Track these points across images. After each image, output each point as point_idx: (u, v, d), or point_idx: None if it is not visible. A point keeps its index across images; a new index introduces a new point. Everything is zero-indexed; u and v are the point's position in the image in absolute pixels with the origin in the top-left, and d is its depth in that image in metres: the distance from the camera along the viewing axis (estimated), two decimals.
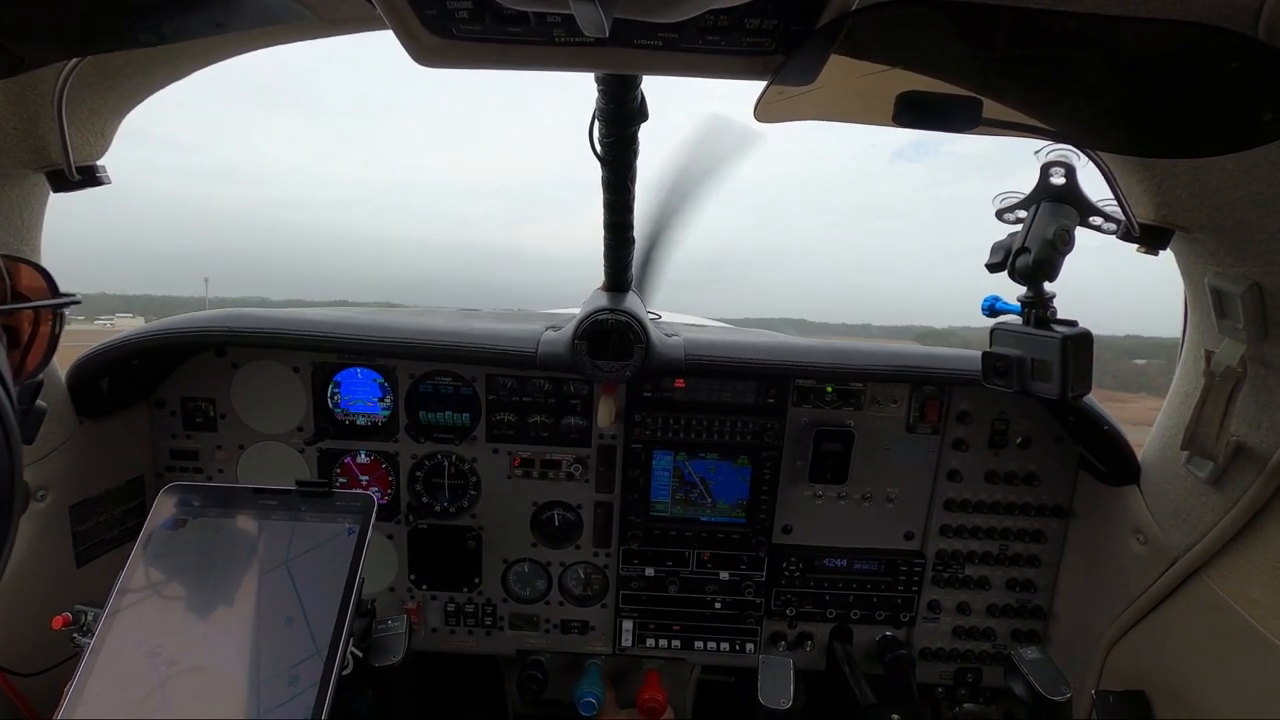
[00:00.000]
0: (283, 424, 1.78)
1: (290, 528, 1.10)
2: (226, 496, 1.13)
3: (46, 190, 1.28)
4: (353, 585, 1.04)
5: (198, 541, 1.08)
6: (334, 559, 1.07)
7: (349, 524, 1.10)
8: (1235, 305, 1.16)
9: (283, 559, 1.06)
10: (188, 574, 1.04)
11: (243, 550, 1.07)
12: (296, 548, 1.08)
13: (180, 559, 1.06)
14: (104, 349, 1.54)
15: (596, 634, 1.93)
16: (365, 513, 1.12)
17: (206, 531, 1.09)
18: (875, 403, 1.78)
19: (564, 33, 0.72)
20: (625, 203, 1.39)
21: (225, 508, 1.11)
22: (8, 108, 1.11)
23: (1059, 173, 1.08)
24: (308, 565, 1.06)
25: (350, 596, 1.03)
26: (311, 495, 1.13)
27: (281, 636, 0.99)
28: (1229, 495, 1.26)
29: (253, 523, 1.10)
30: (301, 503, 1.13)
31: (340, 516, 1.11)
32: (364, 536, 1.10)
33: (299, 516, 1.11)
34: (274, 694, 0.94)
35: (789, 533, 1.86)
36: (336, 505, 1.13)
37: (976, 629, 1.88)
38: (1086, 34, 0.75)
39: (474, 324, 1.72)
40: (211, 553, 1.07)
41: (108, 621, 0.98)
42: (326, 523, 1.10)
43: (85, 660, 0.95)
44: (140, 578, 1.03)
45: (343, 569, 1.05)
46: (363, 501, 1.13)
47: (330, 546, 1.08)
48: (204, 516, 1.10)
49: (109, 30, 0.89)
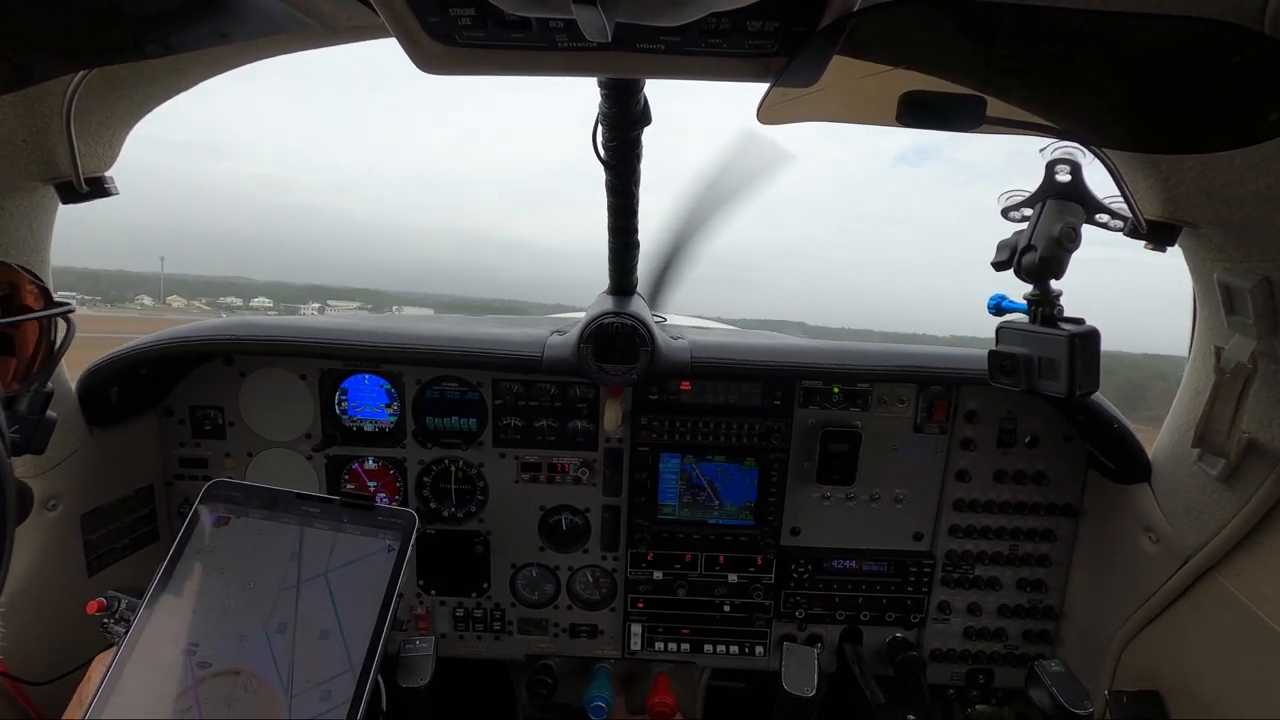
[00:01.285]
0: (291, 431, 1.79)
1: (332, 538, 1.07)
2: (270, 499, 1.10)
3: (55, 202, 1.29)
4: (389, 605, 1.02)
5: (239, 540, 1.06)
6: (373, 575, 1.04)
7: (390, 540, 1.08)
8: (1245, 301, 1.15)
9: (322, 569, 1.04)
10: (227, 573, 1.03)
11: (284, 555, 1.05)
12: (336, 559, 1.05)
13: (221, 557, 1.04)
14: (113, 359, 1.55)
15: (605, 638, 1.93)
16: (406, 531, 1.09)
17: (249, 531, 1.07)
18: (882, 403, 1.77)
19: (566, 38, 0.72)
20: (630, 206, 1.39)
21: (269, 510, 1.09)
22: (16, 120, 1.12)
23: (1065, 170, 1.08)
24: (346, 578, 1.04)
25: (387, 617, 1.01)
26: (354, 507, 1.11)
27: (317, 649, 0.97)
28: (1241, 493, 1.25)
29: (295, 529, 1.08)
30: (344, 513, 1.10)
31: (381, 532, 1.09)
32: (404, 555, 1.07)
33: (341, 527, 1.09)
34: (306, 707, 0.92)
35: (797, 534, 1.86)
36: (379, 520, 1.10)
37: (988, 630, 1.87)
38: (1091, 30, 0.74)
39: (480, 329, 1.72)
40: (252, 553, 1.05)
41: (145, 613, 0.97)
42: (368, 537, 1.08)
43: (121, 648, 0.94)
44: (180, 572, 1.01)
45: (380, 586, 1.03)
46: (404, 519, 1.11)
47: (370, 561, 1.06)
48: (246, 516, 1.08)
49: (116, 42, 0.90)
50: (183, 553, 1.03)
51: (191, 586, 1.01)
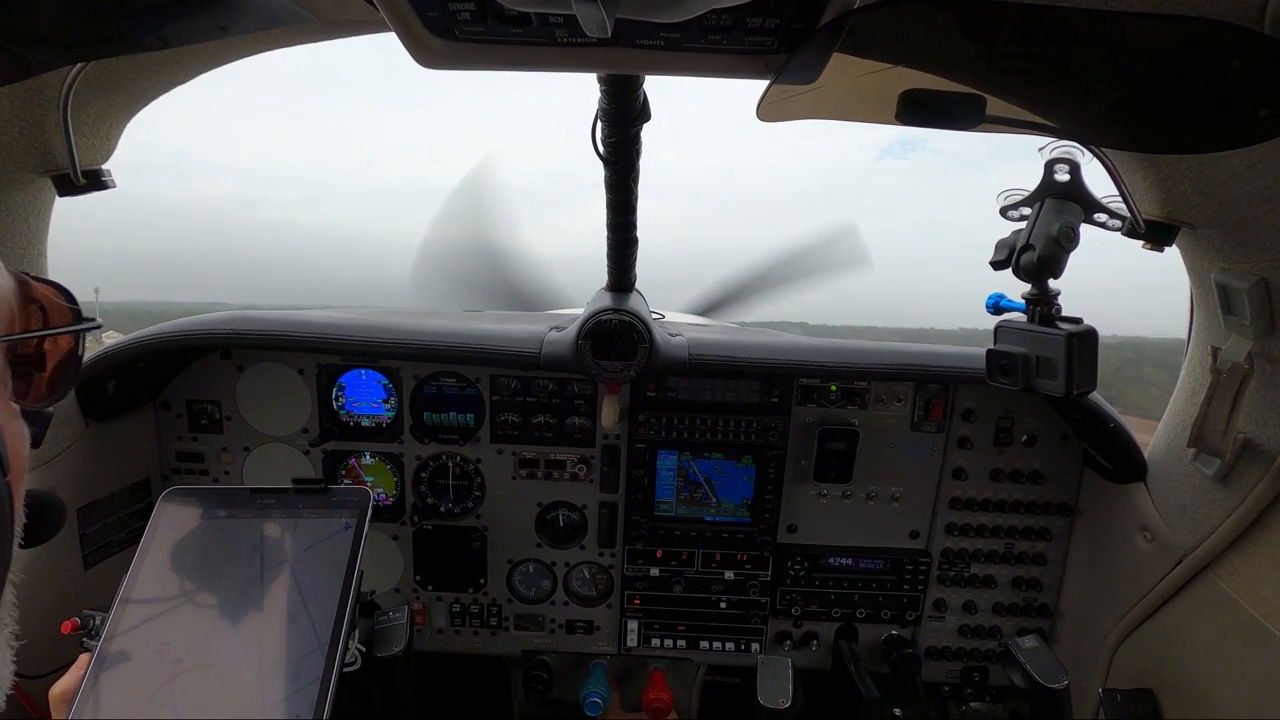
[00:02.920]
0: (288, 426, 1.79)
1: (291, 525, 1.10)
2: (226, 498, 1.13)
3: (52, 194, 1.29)
4: (351, 579, 1.05)
5: (201, 543, 1.09)
6: (333, 555, 1.07)
7: (346, 519, 1.11)
8: (1242, 301, 1.16)
9: (285, 557, 1.07)
10: (192, 575, 1.05)
11: (245, 550, 1.08)
12: (297, 545, 1.08)
13: (184, 561, 1.06)
14: (110, 352, 1.55)
15: (602, 634, 1.94)
16: (361, 507, 1.12)
17: (209, 533, 1.10)
18: (879, 401, 1.77)
19: (566, 33, 0.72)
20: (628, 203, 1.39)
21: (226, 509, 1.12)
22: (13, 112, 1.12)
23: (1063, 169, 1.08)
24: (308, 562, 1.07)
25: (349, 591, 1.03)
26: (308, 492, 1.14)
27: (284, 633, 1.00)
28: (1236, 492, 1.25)
29: (254, 523, 1.11)
30: (299, 500, 1.13)
31: (337, 512, 1.12)
32: (361, 530, 1.10)
33: (297, 514, 1.12)
34: (277, 689, 0.94)
35: (794, 532, 1.86)
36: (333, 501, 1.13)
37: (983, 627, 1.88)
38: (1091, 30, 0.75)
39: (478, 325, 1.72)
40: (215, 553, 1.08)
41: (114, 623, 0.99)
42: (324, 519, 1.11)
43: (94, 659, 0.96)
44: (145, 580, 1.04)
45: (341, 564, 1.06)
46: (359, 496, 1.14)
47: (329, 543, 1.09)
48: (206, 518, 1.11)
49: (113, 35, 0.89)
50: (145, 560, 1.05)
51: (158, 590, 1.03)
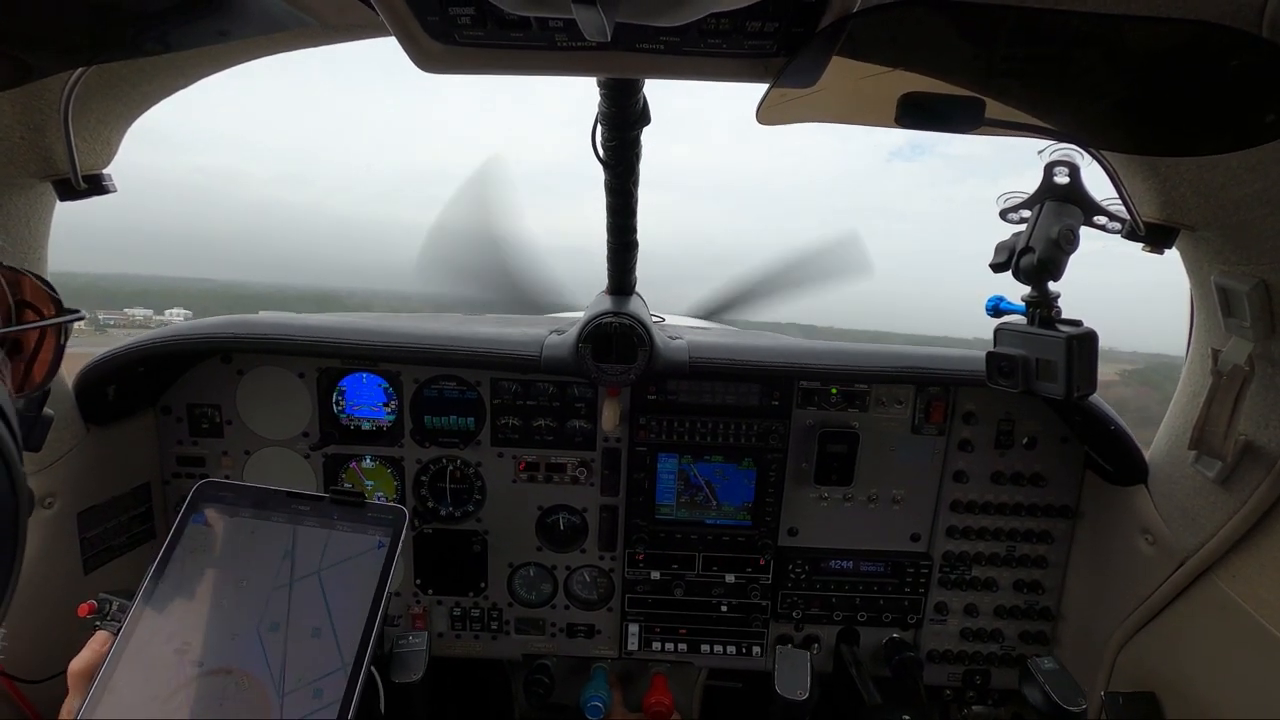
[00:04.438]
0: (288, 429, 1.78)
1: (324, 536, 1.07)
2: (261, 498, 1.10)
3: (53, 199, 1.29)
4: (380, 601, 1.02)
5: (230, 541, 1.06)
6: (364, 572, 1.04)
7: (380, 537, 1.08)
8: (1242, 303, 1.16)
9: (314, 568, 1.04)
10: (219, 572, 1.03)
11: (276, 554, 1.05)
12: (329, 558, 1.05)
13: (212, 556, 1.04)
14: (110, 356, 1.54)
15: (602, 638, 1.93)
16: (396, 527, 1.09)
17: (241, 531, 1.07)
18: (880, 404, 1.77)
19: (566, 37, 0.72)
20: (628, 206, 1.39)
21: (260, 509, 1.09)
22: (14, 117, 1.12)
23: (1063, 172, 1.08)
24: (338, 576, 1.04)
25: (377, 614, 1.01)
26: (345, 504, 1.11)
27: (309, 647, 0.97)
28: (1238, 495, 1.25)
29: (286, 527, 1.08)
30: (334, 511, 1.10)
31: (372, 529, 1.09)
32: (394, 551, 1.07)
33: (331, 525, 1.08)
34: (298, 705, 0.92)
35: (795, 535, 1.86)
36: (369, 517, 1.10)
37: (984, 631, 1.87)
38: (1090, 33, 0.75)
39: (478, 328, 1.72)
40: (244, 553, 1.05)
41: (136, 613, 0.97)
42: (358, 534, 1.08)
43: (113, 649, 0.94)
44: (171, 572, 1.01)
45: (371, 583, 1.03)
46: (394, 515, 1.10)
47: (361, 560, 1.06)
48: (238, 516, 1.08)
49: (114, 39, 0.90)
50: (173, 553, 1.03)
51: (183, 586, 1.01)
